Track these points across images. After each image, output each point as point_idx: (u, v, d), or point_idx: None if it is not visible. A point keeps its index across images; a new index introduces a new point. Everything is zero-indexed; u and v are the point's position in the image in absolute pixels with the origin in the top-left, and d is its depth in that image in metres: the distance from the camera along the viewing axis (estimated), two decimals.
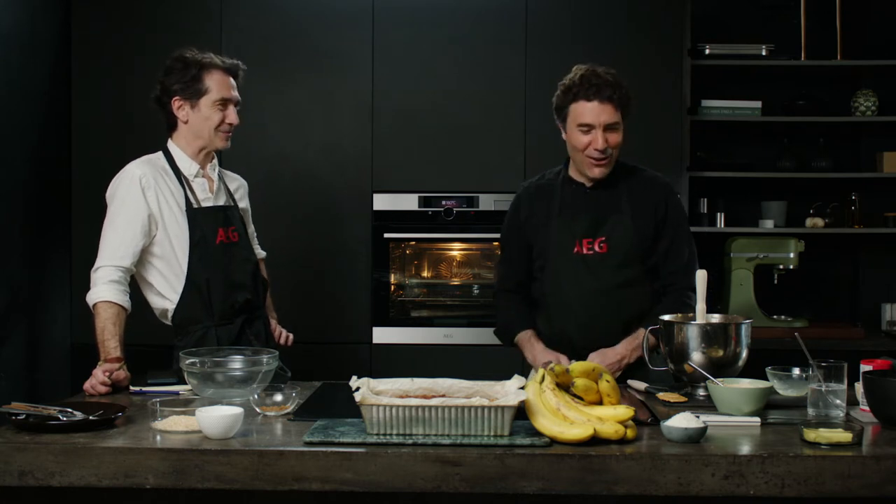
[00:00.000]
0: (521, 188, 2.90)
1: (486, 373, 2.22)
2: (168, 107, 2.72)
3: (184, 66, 2.69)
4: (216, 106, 2.70)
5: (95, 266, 2.62)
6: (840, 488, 1.80)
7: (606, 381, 2.06)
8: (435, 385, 2.02)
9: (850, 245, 4.44)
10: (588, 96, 2.61)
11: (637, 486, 1.80)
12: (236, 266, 2.76)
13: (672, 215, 2.73)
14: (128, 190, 2.65)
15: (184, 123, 2.72)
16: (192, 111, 2.70)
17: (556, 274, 2.72)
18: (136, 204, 2.63)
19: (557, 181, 2.80)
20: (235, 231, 2.78)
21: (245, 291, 2.77)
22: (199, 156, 2.76)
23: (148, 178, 2.66)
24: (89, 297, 2.59)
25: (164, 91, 2.72)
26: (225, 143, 2.76)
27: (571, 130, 2.66)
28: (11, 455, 1.87)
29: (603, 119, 2.61)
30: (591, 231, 2.70)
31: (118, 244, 2.61)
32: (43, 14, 3.84)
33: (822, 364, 2.12)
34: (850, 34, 4.22)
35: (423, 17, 3.97)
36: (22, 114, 3.68)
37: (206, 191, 2.76)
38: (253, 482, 1.83)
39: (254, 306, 2.81)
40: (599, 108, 2.61)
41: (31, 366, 3.73)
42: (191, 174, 2.74)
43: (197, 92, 2.68)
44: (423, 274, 4.14)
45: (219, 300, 2.70)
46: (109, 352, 2.51)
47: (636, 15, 3.95)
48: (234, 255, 2.76)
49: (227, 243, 2.74)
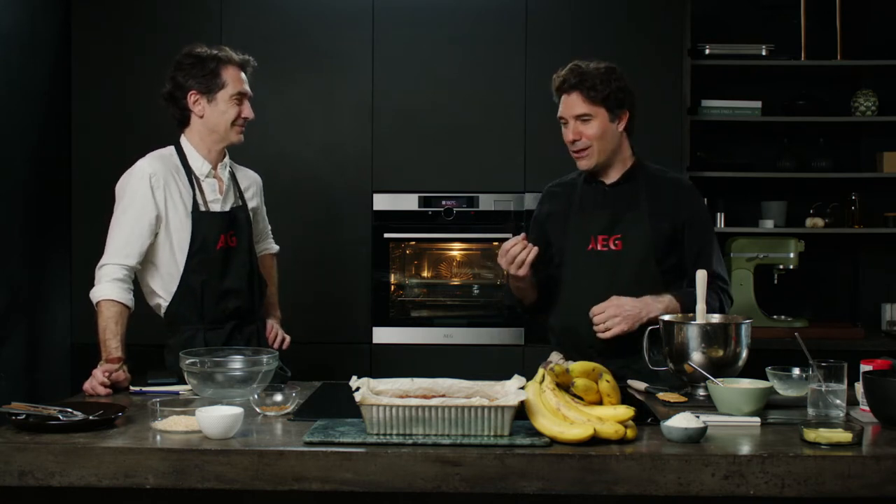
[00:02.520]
0: (545, 188, 2.94)
1: (486, 373, 2.23)
2: (182, 102, 2.71)
3: (199, 61, 2.69)
4: (233, 100, 2.70)
5: (101, 263, 2.61)
6: (840, 488, 1.80)
7: (606, 381, 2.06)
8: (435, 385, 2.02)
9: (850, 245, 4.44)
10: (563, 90, 2.68)
11: (637, 486, 1.80)
12: (233, 272, 2.75)
13: (699, 220, 2.74)
14: (137, 187, 2.64)
15: (199, 118, 2.71)
16: (208, 105, 2.70)
17: (571, 270, 2.72)
18: (145, 203, 2.63)
19: (579, 179, 2.82)
20: (235, 236, 2.76)
21: (238, 298, 2.75)
22: (211, 154, 2.75)
23: (158, 176, 2.65)
24: (93, 293, 2.59)
25: (177, 86, 2.70)
26: (240, 138, 2.76)
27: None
28: (11, 455, 1.87)
29: (574, 111, 2.65)
30: (607, 228, 2.71)
31: (124, 242, 2.61)
32: (43, 14, 3.84)
33: (822, 364, 2.12)
34: (850, 34, 4.22)
35: (423, 17, 3.97)
36: (22, 114, 3.68)
37: (215, 192, 2.75)
38: (253, 482, 1.83)
39: (245, 313, 2.79)
40: (568, 100, 2.67)
41: (31, 366, 3.73)
42: (202, 174, 2.73)
43: (214, 86, 2.68)
44: (423, 274, 4.15)
45: (210, 305, 2.70)
46: (110, 352, 2.51)
47: (636, 15, 3.95)
48: (232, 260, 2.75)
49: (226, 249, 2.73)
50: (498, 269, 4.03)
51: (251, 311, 2.83)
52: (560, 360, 2.51)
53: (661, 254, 2.70)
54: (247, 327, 2.80)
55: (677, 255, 2.72)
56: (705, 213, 2.83)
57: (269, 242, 3.10)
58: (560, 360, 2.58)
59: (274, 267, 3.10)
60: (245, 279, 2.79)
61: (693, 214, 2.74)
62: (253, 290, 2.83)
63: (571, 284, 2.73)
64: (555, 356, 2.68)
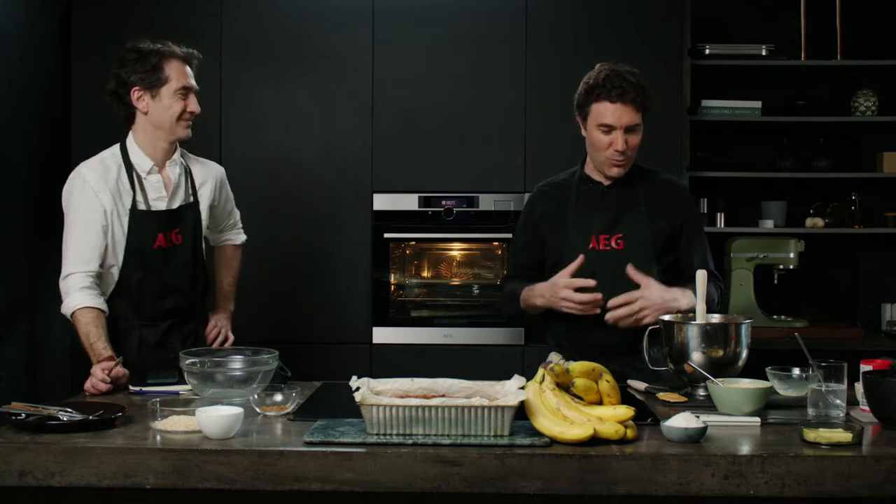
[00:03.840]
0: (534, 189, 2.92)
1: (486, 373, 2.22)
2: (126, 98, 2.68)
3: (141, 57, 2.66)
4: (177, 95, 2.67)
5: (63, 274, 2.60)
6: (840, 488, 1.80)
7: (606, 381, 2.06)
8: (435, 385, 2.02)
9: (850, 245, 4.44)
10: (611, 97, 2.61)
11: (637, 486, 1.80)
12: (172, 270, 2.73)
13: (693, 220, 2.77)
14: (81, 193, 2.63)
15: (143, 114, 2.69)
16: (152, 101, 2.67)
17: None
18: (92, 206, 2.61)
19: (573, 180, 2.82)
20: (180, 234, 2.74)
21: (178, 296, 2.75)
22: (157, 150, 2.71)
23: (98, 180, 2.63)
24: (65, 307, 2.57)
25: (120, 83, 2.68)
26: (187, 133, 2.72)
27: (592, 129, 2.68)
28: (11, 455, 1.87)
29: (624, 121, 2.62)
30: (608, 227, 2.71)
31: (82, 249, 2.60)
32: (43, 14, 3.84)
33: (822, 364, 2.12)
34: (850, 34, 4.22)
35: (423, 17, 3.97)
36: (22, 114, 3.68)
37: (160, 189, 2.71)
38: (253, 482, 1.83)
39: (183, 311, 2.78)
40: (622, 109, 2.61)
41: (31, 366, 3.73)
42: (144, 171, 2.70)
43: (157, 81, 2.65)
44: (423, 274, 4.14)
45: (147, 303, 2.70)
46: (100, 353, 2.50)
47: (636, 15, 3.95)
48: (172, 259, 2.73)
49: (165, 247, 2.71)
50: (498, 269, 4.04)
51: (191, 309, 2.82)
52: (559, 360, 2.51)
53: (660, 253, 2.72)
54: (185, 325, 2.79)
55: (674, 253, 2.76)
56: (698, 213, 2.87)
57: (232, 233, 3.06)
58: (559, 360, 2.58)
59: (236, 258, 3.06)
60: (187, 277, 2.77)
61: (688, 214, 2.77)
62: (195, 288, 2.81)
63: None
64: (554, 356, 2.68)
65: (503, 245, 4.00)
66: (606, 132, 2.64)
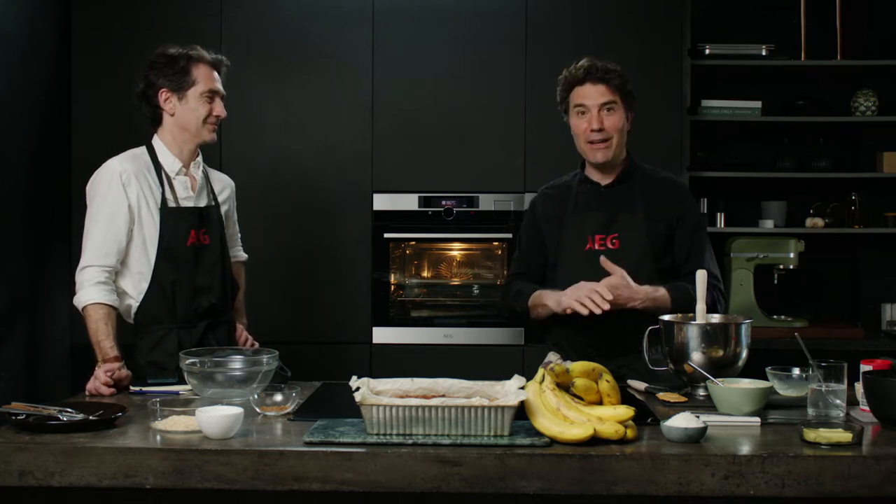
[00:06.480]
0: (538, 191, 2.94)
1: (486, 373, 2.22)
2: (154, 100, 2.70)
3: (170, 60, 2.68)
4: (204, 98, 2.69)
5: (81, 266, 2.60)
6: (840, 488, 1.80)
7: (606, 381, 2.06)
8: (435, 385, 2.02)
9: (850, 245, 4.44)
10: (582, 80, 2.68)
11: (637, 486, 1.80)
12: (204, 269, 2.73)
13: (690, 218, 2.76)
14: (108, 186, 2.63)
15: (170, 116, 2.70)
16: (179, 103, 2.69)
17: (568, 270, 2.72)
18: (118, 200, 2.62)
19: (573, 182, 2.84)
20: (207, 234, 2.75)
21: (211, 295, 2.74)
22: (183, 152, 2.73)
23: (129, 173, 2.64)
24: (77, 299, 2.58)
25: (149, 85, 2.70)
26: (212, 136, 2.75)
27: (572, 117, 2.73)
28: (11, 455, 1.87)
29: (598, 100, 2.66)
30: (603, 227, 2.72)
31: (101, 242, 2.60)
32: (43, 14, 3.84)
33: (822, 364, 2.12)
34: (850, 34, 4.22)
35: (423, 17, 3.97)
36: (22, 114, 3.68)
37: (187, 189, 2.73)
38: (253, 482, 1.83)
39: (218, 311, 2.78)
40: (593, 88, 2.67)
41: (31, 366, 3.73)
42: (173, 171, 2.71)
43: (184, 84, 2.68)
44: (423, 274, 4.15)
45: (183, 303, 2.68)
46: (106, 352, 2.50)
47: (636, 15, 3.95)
48: (204, 258, 2.73)
49: (197, 245, 2.71)
50: (498, 269, 4.04)
51: (224, 309, 2.81)
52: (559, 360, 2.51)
53: (657, 252, 2.72)
54: (219, 327, 2.78)
55: (673, 253, 2.74)
56: (698, 212, 2.85)
57: (237, 250, 3.06)
58: (558, 360, 2.58)
59: (242, 275, 3.06)
60: (217, 277, 2.77)
61: (686, 213, 2.76)
62: (225, 288, 2.81)
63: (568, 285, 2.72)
64: (552, 356, 2.68)
65: (503, 245, 4.00)
66: (583, 113, 2.69)
